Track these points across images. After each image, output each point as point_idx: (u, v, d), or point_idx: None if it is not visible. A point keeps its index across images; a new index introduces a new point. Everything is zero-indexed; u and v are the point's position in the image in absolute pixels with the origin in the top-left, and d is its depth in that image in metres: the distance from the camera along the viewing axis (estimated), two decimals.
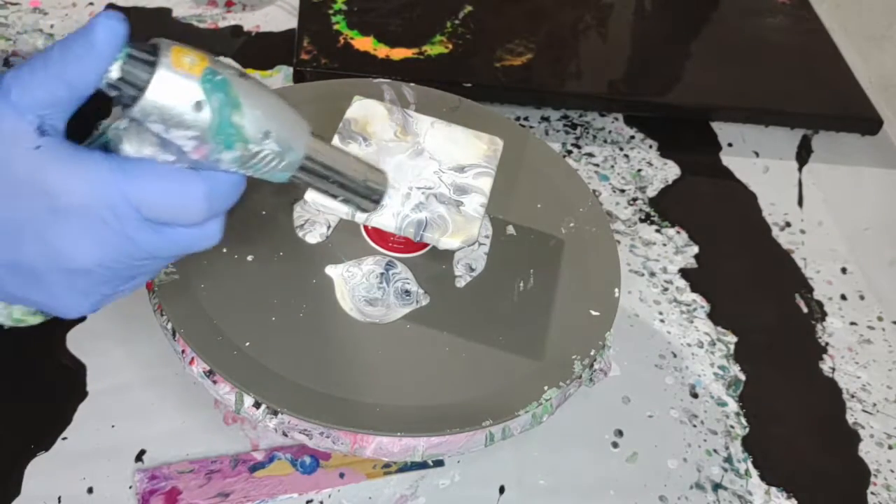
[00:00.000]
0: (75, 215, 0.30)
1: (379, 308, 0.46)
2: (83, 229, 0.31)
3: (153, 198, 0.31)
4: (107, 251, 0.32)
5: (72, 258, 0.31)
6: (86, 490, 0.45)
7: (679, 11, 0.83)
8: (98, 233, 0.31)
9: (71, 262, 0.31)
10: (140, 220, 0.31)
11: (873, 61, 0.82)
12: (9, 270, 0.32)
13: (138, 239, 0.32)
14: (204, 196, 0.32)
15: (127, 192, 0.31)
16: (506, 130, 0.54)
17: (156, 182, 0.31)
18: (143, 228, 0.32)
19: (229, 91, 0.31)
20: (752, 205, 0.69)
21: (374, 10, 0.73)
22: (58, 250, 0.31)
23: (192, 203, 0.32)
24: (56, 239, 0.31)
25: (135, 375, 0.49)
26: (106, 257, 0.32)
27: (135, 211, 0.31)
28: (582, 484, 0.49)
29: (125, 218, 0.31)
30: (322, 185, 0.35)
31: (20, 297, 0.33)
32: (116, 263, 0.32)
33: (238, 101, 0.31)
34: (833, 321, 0.61)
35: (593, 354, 0.46)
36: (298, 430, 0.42)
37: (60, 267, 0.31)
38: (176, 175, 0.31)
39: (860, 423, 0.55)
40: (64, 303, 0.33)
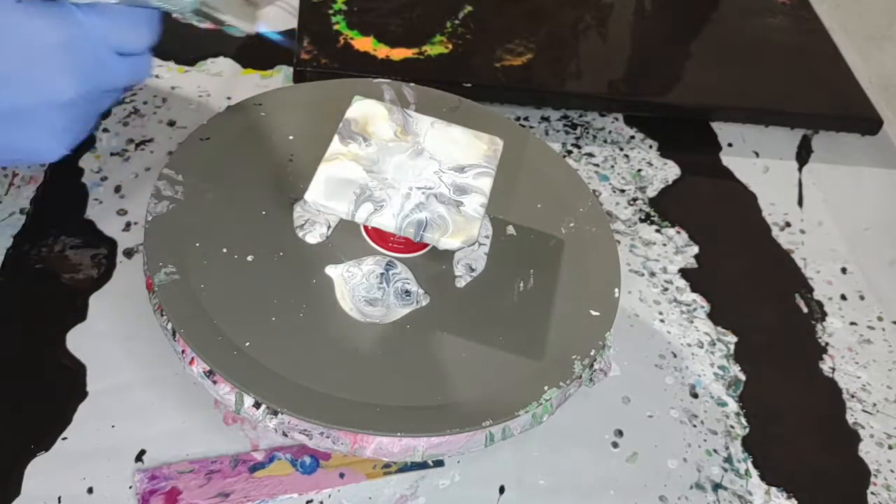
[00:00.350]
0: (60, 52, 0.37)
1: (379, 308, 0.46)
2: (67, 63, 0.37)
3: (115, 29, 0.39)
4: (86, 80, 0.38)
5: (59, 90, 0.38)
6: (86, 490, 0.45)
7: (679, 11, 0.83)
8: (79, 64, 0.38)
9: (58, 95, 0.38)
10: (108, 50, 0.39)
11: (873, 61, 0.82)
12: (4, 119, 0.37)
13: (108, 66, 0.39)
14: (147, 24, 0.41)
15: (97, 28, 0.38)
16: (506, 130, 0.54)
17: (114, 17, 0.39)
18: (111, 56, 0.39)
19: None
20: (752, 205, 0.69)
21: (374, 10, 0.73)
22: (48, 85, 0.37)
23: (141, 30, 0.40)
24: (46, 74, 0.37)
25: (135, 375, 0.49)
26: (85, 86, 0.38)
27: (104, 42, 0.39)
28: (582, 484, 0.49)
29: (98, 49, 0.39)
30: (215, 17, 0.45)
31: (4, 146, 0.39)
32: (91, 94, 0.39)
33: None
34: (833, 321, 0.61)
35: (593, 354, 0.47)
36: (298, 430, 0.42)
37: (49, 102, 0.38)
38: (125, 10, 0.39)
39: (860, 423, 0.55)
40: (43, 144, 0.39)
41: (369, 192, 0.46)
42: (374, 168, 0.47)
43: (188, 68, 0.68)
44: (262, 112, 0.54)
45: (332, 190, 0.46)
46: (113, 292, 0.53)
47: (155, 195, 0.48)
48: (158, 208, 0.47)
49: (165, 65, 0.68)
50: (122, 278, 0.53)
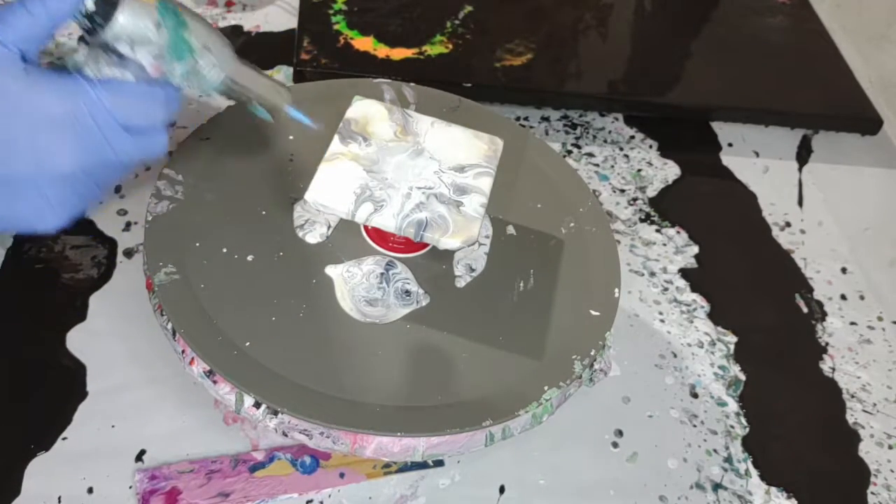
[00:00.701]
0: (63, 124, 0.37)
1: (379, 308, 0.46)
2: (70, 136, 0.37)
3: (125, 105, 0.38)
4: (87, 155, 0.38)
5: (59, 163, 0.37)
6: (86, 490, 0.45)
7: (679, 11, 0.83)
8: (82, 138, 0.37)
9: (58, 167, 0.37)
10: (115, 125, 0.38)
11: (873, 61, 0.82)
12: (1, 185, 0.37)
13: (114, 142, 0.38)
14: (162, 102, 0.39)
15: (105, 102, 0.37)
16: (506, 130, 0.54)
17: (125, 93, 0.38)
18: (118, 132, 0.38)
19: (178, 14, 0.39)
20: (752, 205, 0.69)
21: (374, 10, 0.73)
22: (48, 156, 0.37)
23: (153, 109, 0.39)
24: (47, 146, 0.36)
25: (135, 375, 0.49)
26: (86, 161, 0.38)
27: (111, 117, 0.38)
28: (582, 484, 0.49)
29: (104, 124, 0.37)
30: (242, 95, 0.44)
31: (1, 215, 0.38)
32: (93, 169, 0.38)
33: (185, 21, 0.39)
34: (833, 321, 0.61)
35: (593, 354, 0.47)
36: (298, 430, 0.42)
37: (47, 173, 0.37)
38: (138, 86, 0.39)
39: (860, 423, 0.55)
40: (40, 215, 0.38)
41: (369, 192, 0.46)
42: (374, 168, 0.47)
43: None
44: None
45: (332, 190, 0.46)
46: (113, 292, 0.53)
47: (155, 195, 0.48)
48: (158, 208, 0.47)
49: None
50: (122, 278, 0.53)
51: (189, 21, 0.40)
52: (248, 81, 0.44)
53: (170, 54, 0.39)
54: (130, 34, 0.38)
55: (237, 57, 0.43)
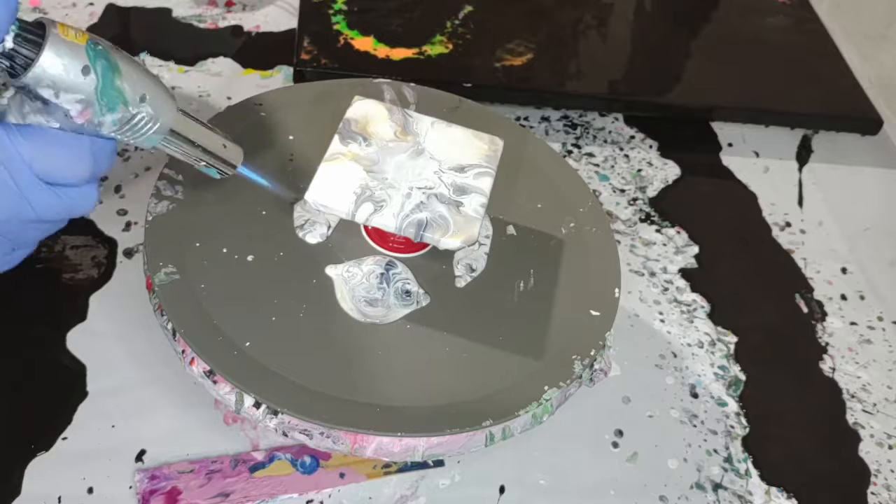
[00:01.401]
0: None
1: (379, 308, 0.46)
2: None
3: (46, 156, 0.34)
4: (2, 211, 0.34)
5: None
6: (86, 490, 0.45)
7: (679, 11, 0.83)
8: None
9: None
10: (34, 179, 0.34)
11: (873, 61, 0.82)
12: None
13: (32, 197, 0.35)
14: (90, 154, 0.36)
15: (22, 151, 0.34)
16: (506, 130, 0.54)
17: (47, 142, 0.34)
18: (37, 187, 0.35)
19: (110, 58, 0.35)
20: (752, 205, 0.69)
21: (374, 10, 0.73)
22: None
23: (79, 161, 0.35)
24: None
25: (135, 375, 0.49)
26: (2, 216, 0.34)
27: (29, 170, 0.34)
28: (582, 484, 0.49)
29: (20, 176, 0.34)
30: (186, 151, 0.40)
31: None
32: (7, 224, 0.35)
33: (118, 66, 0.35)
34: (833, 321, 0.61)
35: (593, 354, 0.47)
36: (299, 430, 0.42)
37: None
38: (64, 136, 0.35)
39: (860, 423, 0.55)
40: None
41: (369, 192, 0.46)
42: (375, 168, 0.47)
43: (188, 68, 0.68)
44: (262, 112, 0.54)
45: (332, 190, 0.46)
46: (113, 292, 0.53)
47: (155, 195, 0.48)
48: (158, 208, 0.47)
49: (165, 65, 0.68)
50: (122, 278, 0.53)
51: (122, 66, 0.36)
52: (194, 137, 0.40)
53: (99, 103, 0.35)
54: (54, 78, 0.33)
55: (181, 110, 0.39)
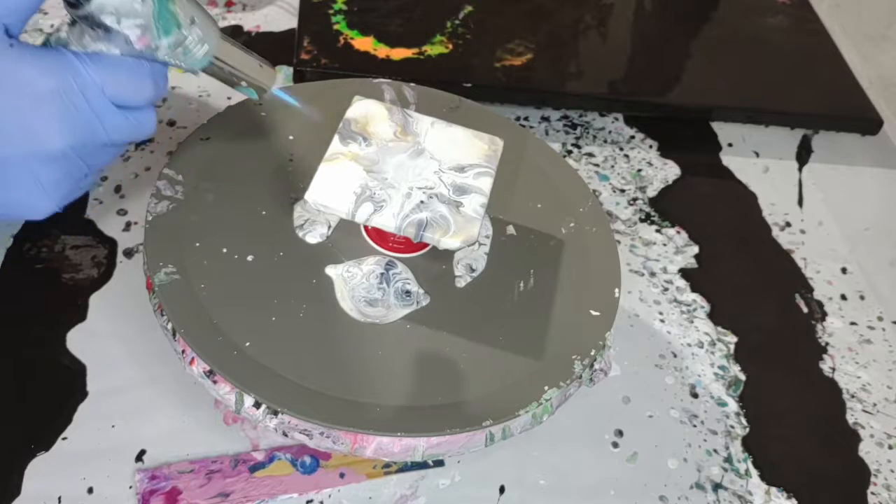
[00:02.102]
0: (52, 100, 0.35)
1: (379, 308, 0.46)
2: (59, 113, 0.35)
3: (115, 80, 0.36)
4: (78, 132, 0.36)
5: (49, 141, 0.35)
6: (86, 490, 0.45)
7: (679, 11, 0.83)
8: (71, 115, 0.35)
9: (48, 146, 0.35)
10: (105, 102, 0.36)
11: (873, 61, 0.82)
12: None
13: (104, 118, 0.36)
14: (151, 77, 0.38)
15: (94, 76, 0.36)
16: (506, 130, 0.54)
17: (114, 67, 0.36)
18: (108, 109, 0.36)
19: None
20: (752, 205, 0.69)
21: (374, 10, 0.73)
22: (36, 135, 0.35)
23: (143, 83, 0.37)
24: (36, 123, 0.35)
25: (135, 375, 0.49)
26: (77, 139, 0.36)
27: (101, 93, 0.36)
28: (582, 484, 0.49)
29: (94, 99, 0.36)
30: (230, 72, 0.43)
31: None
32: (84, 147, 0.36)
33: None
34: (833, 321, 0.61)
35: (593, 354, 0.47)
36: (299, 430, 0.42)
37: (37, 153, 0.35)
38: (127, 61, 0.37)
39: (860, 423, 0.55)
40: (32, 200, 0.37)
41: (369, 192, 0.46)
42: (375, 168, 0.47)
43: None
44: (262, 112, 0.54)
45: (332, 190, 0.46)
46: (113, 292, 0.53)
47: (155, 195, 0.48)
48: (158, 208, 0.47)
49: None
50: (122, 278, 0.53)
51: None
52: (234, 60, 0.43)
53: (156, 27, 0.37)
54: (116, 5, 0.36)
55: (223, 34, 0.42)
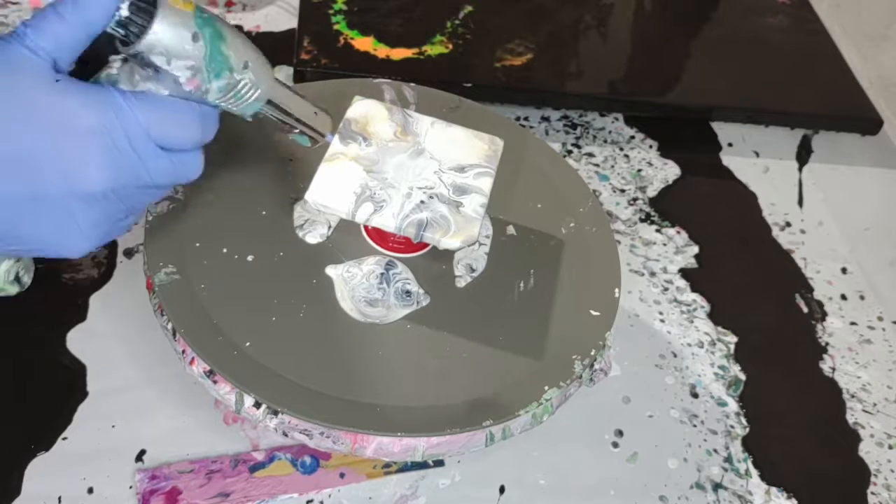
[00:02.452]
0: (94, 139, 0.34)
1: (379, 309, 0.46)
2: (100, 152, 0.34)
3: (161, 122, 0.35)
4: (119, 174, 0.35)
5: (89, 181, 0.34)
6: (86, 490, 0.45)
7: (679, 11, 0.83)
8: (113, 156, 0.34)
9: (87, 186, 0.34)
10: (149, 143, 0.35)
11: (873, 61, 0.82)
12: (25, 203, 0.34)
13: (147, 160, 0.35)
14: (199, 120, 0.37)
15: (139, 116, 0.35)
16: (506, 130, 0.54)
17: (161, 108, 0.35)
18: (152, 151, 0.36)
19: (216, 25, 0.36)
20: (752, 205, 0.69)
21: (374, 10, 0.73)
22: (76, 174, 0.34)
23: (190, 126, 0.36)
24: (76, 162, 0.34)
25: (135, 375, 0.49)
26: (118, 181, 0.35)
27: (145, 134, 0.35)
28: (582, 484, 0.49)
29: (137, 140, 0.35)
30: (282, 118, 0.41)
31: (27, 236, 0.35)
32: (125, 189, 0.35)
33: (224, 33, 0.36)
34: (833, 321, 0.61)
35: (593, 354, 0.46)
36: (299, 430, 0.42)
37: (76, 192, 0.34)
38: (176, 103, 0.36)
39: (860, 423, 0.55)
40: (68, 239, 0.36)
41: (369, 192, 0.46)
42: (375, 168, 0.47)
43: None
44: None
45: (332, 190, 0.46)
46: (113, 292, 0.53)
47: None
48: (158, 208, 0.47)
49: None
50: (122, 278, 0.53)
51: (228, 34, 0.37)
52: (288, 106, 0.41)
53: (207, 69, 0.36)
54: (166, 45, 0.35)
55: (277, 78, 0.40)
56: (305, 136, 0.44)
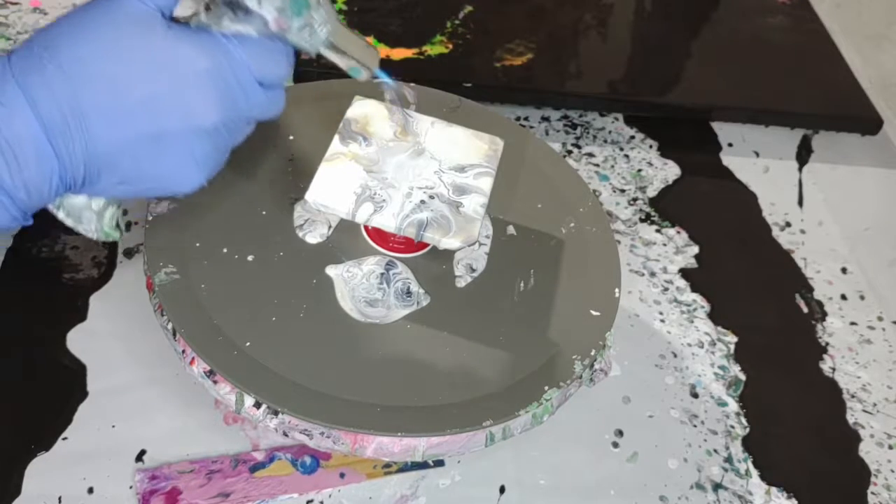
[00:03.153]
0: (208, 79, 0.37)
1: (379, 309, 0.46)
2: (213, 89, 0.38)
3: (258, 59, 0.39)
4: (228, 108, 0.38)
5: (205, 117, 0.38)
6: (86, 490, 0.45)
7: (679, 11, 0.83)
8: (223, 92, 0.38)
9: (204, 121, 0.38)
10: (251, 79, 0.39)
11: (873, 61, 0.82)
12: (149, 142, 0.37)
13: (249, 95, 0.39)
14: (287, 56, 0.40)
15: (242, 55, 0.38)
16: (506, 130, 0.54)
17: (257, 47, 0.39)
18: (253, 86, 0.39)
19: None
20: (752, 205, 0.69)
21: (374, 10, 0.73)
22: (195, 111, 0.38)
23: (281, 62, 0.40)
24: (193, 99, 0.37)
25: (135, 375, 0.49)
26: (227, 115, 0.39)
27: (248, 71, 0.39)
28: (582, 484, 0.49)
29: (243, 77, 0.39)
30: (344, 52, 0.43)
31: (149, 174, 0.39)
32: (232, 122, 0.39)
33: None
34: (833, 321, 0.61)
35: (593, 354, 0.46)
36: (299, 430, 0.42)
37: (194, 127, 0.38)
38: (266, 41, 0.39)
39: (860, 423, 0.55)
40: (186, 172, 0.39)
41: (370, 192, 0.46)
42: (375, 168, 0.47)
43: None
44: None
45: (332, 190, 0.46)
46: (113, 292, 0.53)
47: None
48: (158, 208, 0.47)
49: None
50: (122, 278, 0.53)
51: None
52: (348, 40, 0.43)
53: (291, 8, 0.39)
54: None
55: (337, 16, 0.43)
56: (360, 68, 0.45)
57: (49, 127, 0.35)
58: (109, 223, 0.42)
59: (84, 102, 0.36)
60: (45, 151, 0.36)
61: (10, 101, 0.35)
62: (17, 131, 0.35)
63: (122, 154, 0.37)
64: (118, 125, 0.36)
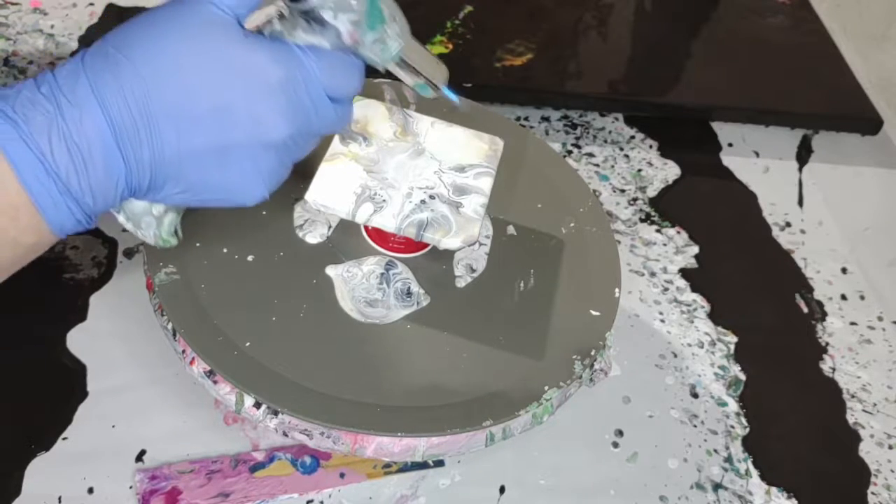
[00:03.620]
0: (281, 91, 0.36)
1: (379, 309, 0.46)
2: (285, 102, 0.37)
3: (330, 72, 0.37)
4: (298, 122, 0.37)
5: (276, 129, 0.37)
6: (86, 490, 0.45)
7: (679, 11, 0.83)
8: (294, 105, 0.37)
9: (273, 134, 0.37)
10: (322, 94, 0.38)
11: (873, 61, 0.82)
12: (217, 153, 0.36)
13: (318, 109, 0.38)
14: (358, 71, 0.39)
15: (315, 68, 0.37)
16: (506, 130, 0.54)
17: (329, 60, 0.37)
18: (323, 101, 0.38)
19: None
20: (752, 205, 0.69)
21: None
22: (265, 123, 0.36)
23: (352, 76, 0.39)
24: (264, 111, 0.36)
25: (135, 375, 0.49)
26: (296, 128, 0.37)
27: (320, 85, 0.37)
28: (582, 484, 0.49)
29: (315, 91, 0.37)
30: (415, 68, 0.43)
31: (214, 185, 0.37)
32: (300, 136, 0.38)
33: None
34: (833, 321, 0.61)
35: (593, 354, 0.47)
36: (299, 430, 0.42)
37: (263, 140, 0.37)
38: (339, 55, 0.38)
39: (860, 423, 0.55)
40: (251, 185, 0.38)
41: (370, 192, 0.46)
42: (375, 168, 0.47)
43: None
44: None
45: (332, 190, 0.46)
46: (113, 292, 0.53)
47: None
48: None
49: None
50: (122, 278, 0.53)
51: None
52: (417, 57, 0.43)
53: (366, 22, 0.38)
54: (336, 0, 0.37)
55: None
56: (428, 85, 0.44)
57: (119, 131, 0.34)
58: (168, 230, 0.41)
59: (155, 106, 0.35)
60: (114, 156, 0.35)
61: (82, 101, 0.34)
62: (87, 134, 0.34)
63: (188, 163, 0.36)
64: (188, 133, 0.35)
